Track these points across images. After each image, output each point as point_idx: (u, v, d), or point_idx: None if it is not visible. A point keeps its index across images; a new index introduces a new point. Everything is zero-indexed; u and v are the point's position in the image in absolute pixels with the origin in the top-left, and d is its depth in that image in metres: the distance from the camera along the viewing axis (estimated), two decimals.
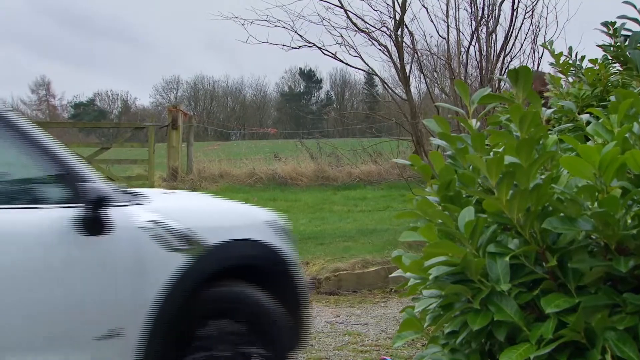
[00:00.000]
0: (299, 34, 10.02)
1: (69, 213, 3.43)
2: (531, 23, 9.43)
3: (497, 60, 9.44)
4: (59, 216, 3.43)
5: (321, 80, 56.71)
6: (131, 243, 3.55)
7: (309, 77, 56.41)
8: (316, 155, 18.05)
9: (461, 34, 9.77)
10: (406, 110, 10.16)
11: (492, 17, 9.57)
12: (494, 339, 1.56)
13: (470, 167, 1.71)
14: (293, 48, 10.05)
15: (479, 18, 9.49)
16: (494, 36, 9.57)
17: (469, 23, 9.68)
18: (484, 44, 9.56)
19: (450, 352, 1.67)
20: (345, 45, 9.94)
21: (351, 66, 10.28)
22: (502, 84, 9.33)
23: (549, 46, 3.30)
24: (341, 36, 9.97)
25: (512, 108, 1.63)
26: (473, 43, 9.58)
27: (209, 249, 3.75)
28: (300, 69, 55.65)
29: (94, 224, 3.43)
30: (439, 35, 9.79)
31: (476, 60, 9.65)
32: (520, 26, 9.39)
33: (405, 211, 1.82)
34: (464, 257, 1.55)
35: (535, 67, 9.13)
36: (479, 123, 1.85)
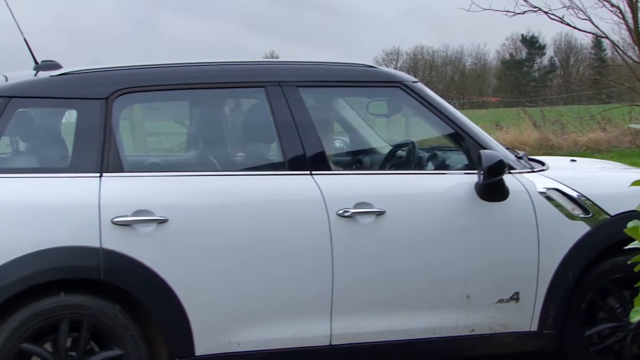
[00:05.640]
0: None
1: (471, 179, 3.64)
2: None
3: None
4: (462, 182, 3.65)
5: (544, 46, 54.54)
6: (530, 209, 3.66)
7: (531, 43, 54.41)
8: (539, 124, 17.48)
9: None
10: None
11: None
12: None
13: None
14: (517, 14, 9.79)
15: None
16: None
17: None
18: None
19: None
20: (573, 8, 9.53)
21: (579, 29, 9.86)
22: None
23: None
24: None
25: None
26: None
27: (610, 218, 3.73)
28: (522, 35, 53.85)
29: (492, 190, 3.60)
30: None
31: None
32: None
33: None
34: None
35: None
36: None
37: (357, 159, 4.26)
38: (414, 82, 3.85)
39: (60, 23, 70.54)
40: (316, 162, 3.57)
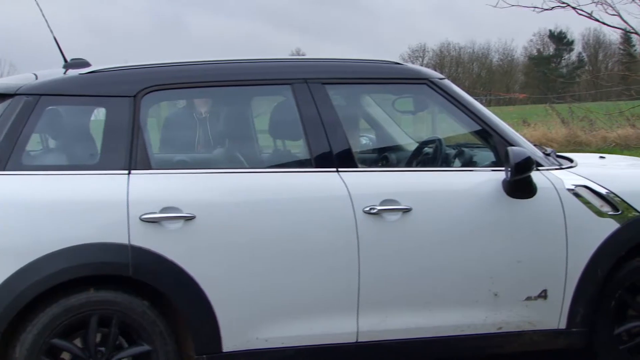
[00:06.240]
0: None
1: (498, 176, 3.62)
2: None
3: None
4: (489, 179, 3.64)
5: (572, 41, 53.99)
6: (558, 207, 3.64)
7: (559, 39, 53.90)
8: (567, 120, 17.34)
9: None
10: None
11: None
12: None
13: None
14: (545, 10, 9.70)
15: None
16: None
17: None
18: None
19: None
20: (601, 4, 9.43)
21: (608, 25, 9.74)
22: None
23: None
24: None
25: None
26: None
27: (639, 215, 3.70)
28: (550, 31, 53.35)
29: (520, 187, 3.59)
30: None
31: None
32: None
33: None
34: None
35: None
36: None
37: (384, 156, 4.25)
38: (440, 78, 3.83)
39: (87, 22, 71.17)
40: (343, 159, 3.57)
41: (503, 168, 3.61)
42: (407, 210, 3.51)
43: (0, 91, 3.52)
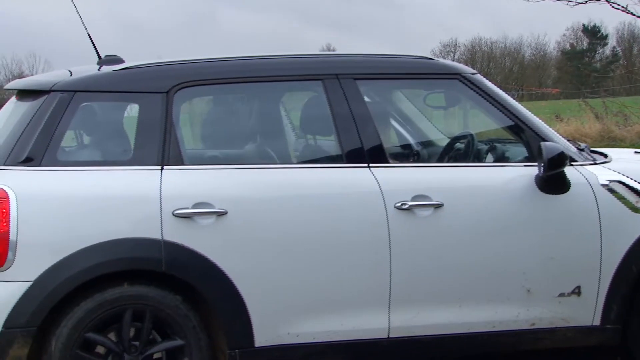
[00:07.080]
0: None
1: (531, 171, 3.60)
2: None
3: None
4: (522, 174, 3.62)
5: (606, 36, 53.29)
6: (592, 202, 3.62)
7: (593, 33, 53.22)
8: (601, 115, 17.14)
9: None
10: None
11: None
12: None
13: None
14: (579, 3, 9.60)
15: None
16: None
17: None
18: None
19: None
20: None
21: None
22: None
23: None
24: None
25: None
26: None
27: None
28: (584, 25, 52.70)
29: (553, 182, 3.56)
30: None
31: None
32: None
33: None
34: None
35: None
36: None
37: (415, 152, 4.24)
38: (472, 73, 3.82)
39: (118, 18, 71.78)
40: (374, 155, 3.56)
41: (536, 163, 3.58)
42: (438, 206, 3.49)
43: (36, 88, 3.57)
